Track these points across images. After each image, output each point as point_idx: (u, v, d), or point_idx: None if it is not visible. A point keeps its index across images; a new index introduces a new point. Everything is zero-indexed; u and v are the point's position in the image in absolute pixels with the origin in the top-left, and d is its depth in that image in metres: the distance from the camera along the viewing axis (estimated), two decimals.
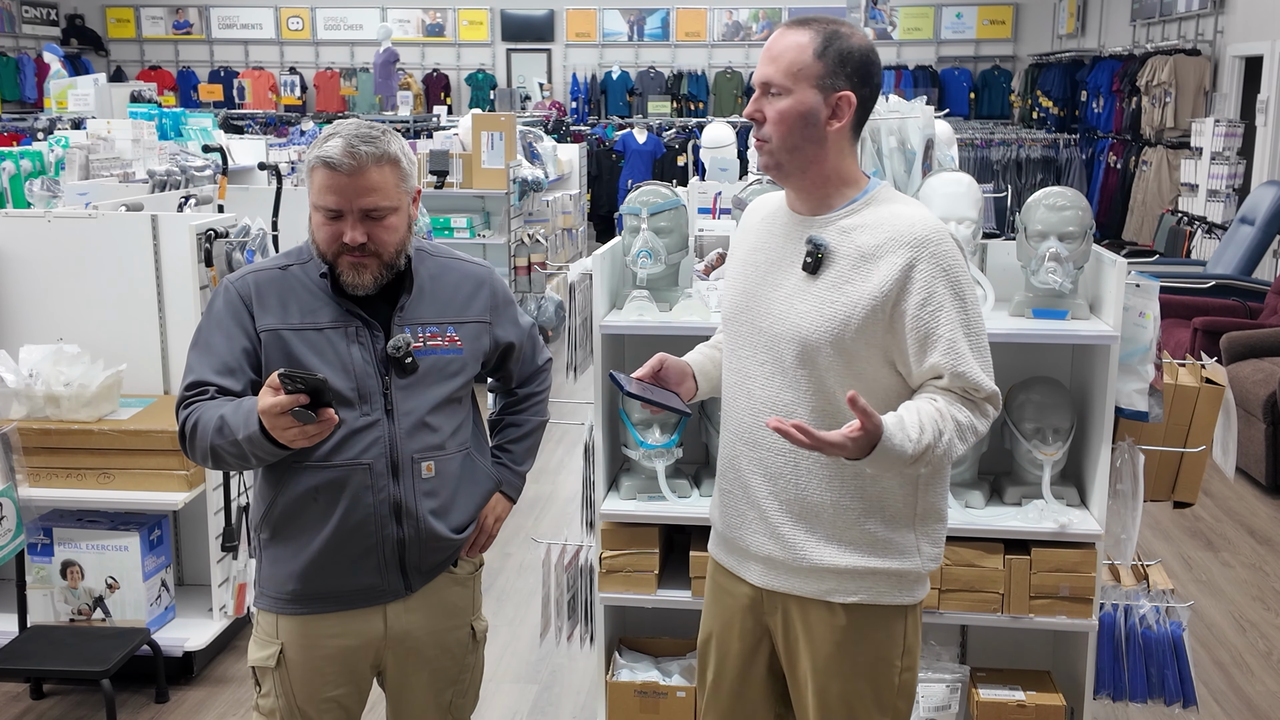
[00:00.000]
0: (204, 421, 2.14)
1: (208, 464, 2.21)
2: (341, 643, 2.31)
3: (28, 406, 3.70)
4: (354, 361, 2.23)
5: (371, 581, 2.29)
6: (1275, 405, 5.70)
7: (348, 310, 2.24)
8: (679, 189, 3.46)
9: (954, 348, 2.07)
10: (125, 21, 17.18)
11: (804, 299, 2.14)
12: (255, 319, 2.23)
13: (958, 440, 2.07)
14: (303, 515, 2.25)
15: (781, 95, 2.11)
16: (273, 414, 1.97)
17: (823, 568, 2.19)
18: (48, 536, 3.77)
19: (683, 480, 3.24)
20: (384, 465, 2.24)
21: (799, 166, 2.15)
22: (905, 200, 2.19)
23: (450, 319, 2.33)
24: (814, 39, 2.10)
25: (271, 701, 2.33)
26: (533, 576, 4.58)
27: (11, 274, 3.97)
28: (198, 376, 2.21)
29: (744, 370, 2.24)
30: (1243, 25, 9.82)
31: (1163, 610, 3.18)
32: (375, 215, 2.17)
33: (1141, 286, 2.97)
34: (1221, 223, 8.89)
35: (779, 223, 2.25)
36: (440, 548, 2.35)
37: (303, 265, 2.28)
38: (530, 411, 2.58)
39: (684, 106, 15.91)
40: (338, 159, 2.13)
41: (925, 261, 2.07)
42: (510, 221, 7.70)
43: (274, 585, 2.31)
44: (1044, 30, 15.63)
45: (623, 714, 3.20)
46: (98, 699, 3.65)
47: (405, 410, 2.26)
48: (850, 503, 2.17)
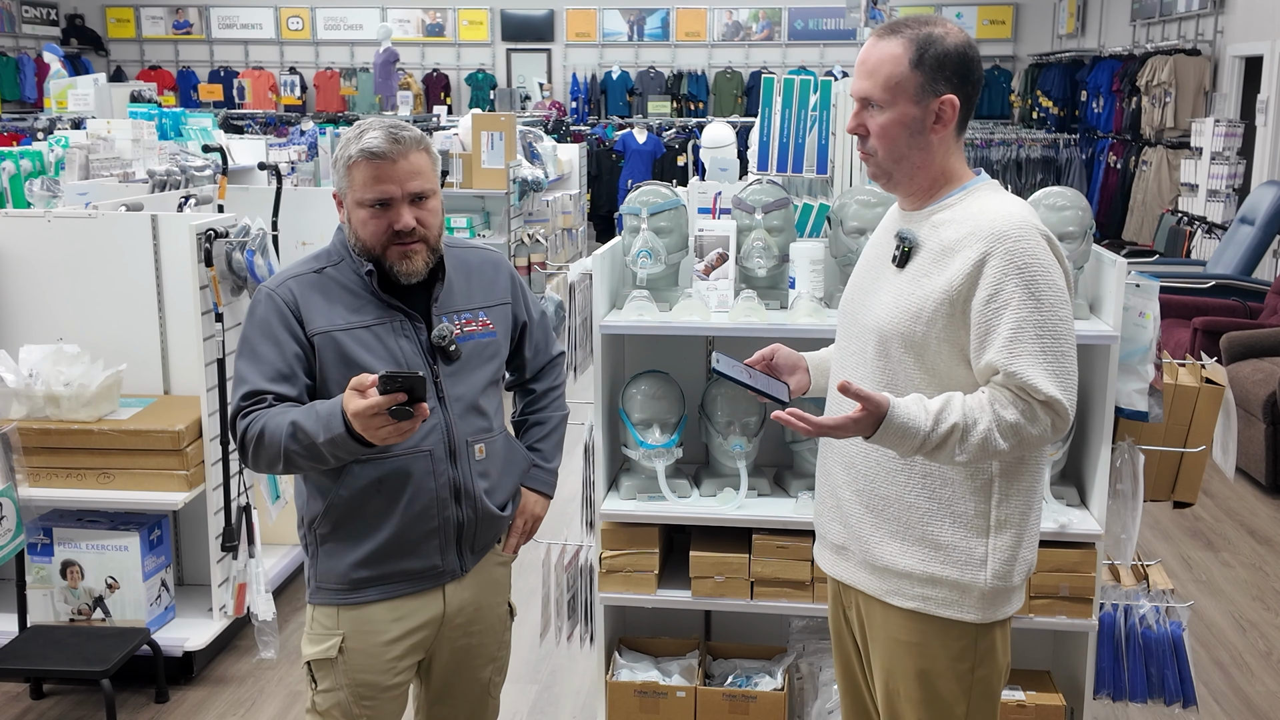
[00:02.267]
0: (272, 429, 2.16)
1: (275, 469, 2.23)
2: (403, 627, 2.36)
3: (28, 406, 3.70)
4: (404, 354, 2.29)
5: (433, 562, 2.35)
6: (1275, 405, 5.70)
7: (389, 305, 2.30)
8: (679, 189, 3.46)
9: (1012, 346, 1.99)
10: (125, 21, 17.18)
11: (889, 291, 2.14)
12: (304, 324, 2.27)
13: (999, 437, 1.99)
14: (366, 507, 2.30)
15: (882, 109, 2.08)
16: (367, 415, 2.00)
17: (883, 565, 2.17)
18: (48, 536, 3.77)
19: (683, 480, 3.24)
20: (443, 451, 2.31)
21: (907, 174, 2.14)
22: (1002, 196, 2.13)
23: (480, 304, 2.41)
24: (908, 48, 2.06)
25: (331, 697, 2.35)
26: (533, 576, 4.57)
27: (11, 274, 3.97)
28: (253, 386, 2.23)
29: (841, 361, 2.27)
30: (1243, 25, 9.82)
31: (1163, 610, 3.18)
32: (422, 198, 2.25)
33: (1141, 286, 2.97)
34: (1221, 223, 8.88)
35: (891, 219, 2.26)
36: (494, 525, 2.45)
37: (335, 266, 2.33)
38: (552, 407, 2.64)
39: (684, 106, 15.90)
40: (385, 147, 2.20)
41: (998, 256, 2.01)
42: (510, 221, 7.70)
43: (334, 578, 2.35)
44: (1044, 30, 15.62)
45: (623, 714, 3.20)
46: (98, 699, 3.65)
47: (456, 396, 2.33)
48: (917, 499, 2.13)
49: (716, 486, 3.23)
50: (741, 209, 3.24)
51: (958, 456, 2.02)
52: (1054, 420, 2.02)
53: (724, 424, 3.18)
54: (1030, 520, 2.18)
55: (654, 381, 3.22)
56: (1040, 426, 2.02)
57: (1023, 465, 2.14)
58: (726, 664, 3.38)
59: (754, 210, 3.21)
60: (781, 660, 3.34)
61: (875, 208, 3.09)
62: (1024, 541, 2.16)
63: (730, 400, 3.18)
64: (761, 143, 3.47)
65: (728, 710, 3.17)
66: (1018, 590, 2.19)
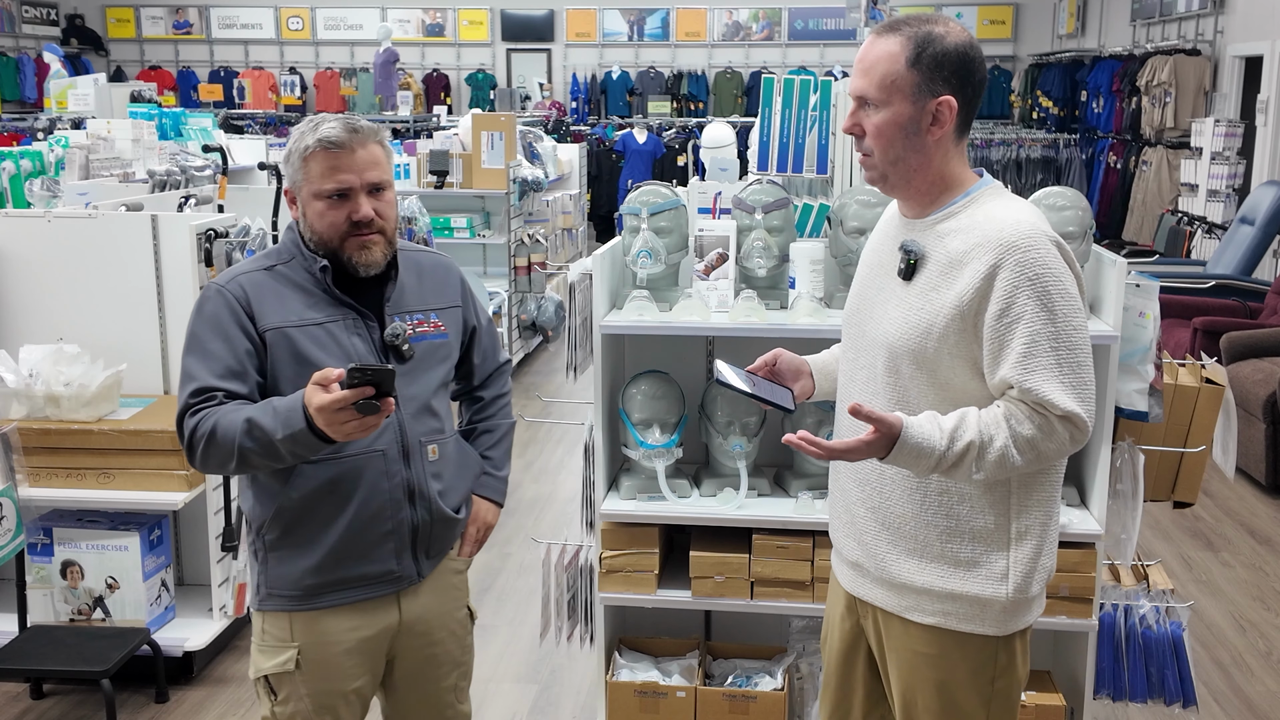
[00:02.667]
0: (224, 426, 2.11)
1: (226, 469, 2.18)
2: (360, 634, 2.33)
3: (28, 406, 3.70)
4: (357, 353, 2.26)
5: (389, 567, 2.32)
6: (1275, 405, 5.70)
7: (342, 303, 2.28)
8: (679, 189, 3.46)
9: (1027, 361, 1.95)
10: (125, 21, 17.18)
11: (897, 306, 2.08)
12: (256, 320, 2.23)
13: (1015, 453, 1.96)
14: (318, 509, 2.26)
15: (877, 109, 2.03)
16: (332, 410, 1.97)
17: (901, 582, 2.13)
18: (48, 536, 3.77)
19: (683, 480, 3.24)
20: (396, 451, 2.29)
21: (904, 177, 2.08)
22: (1008, 201, 2.07)
23: (432, 305, 2.40)
24: (906, 46, 2.01)
25: (291, 707, 2.32)
26: (533, 576, 4.58)
27: (11, 274, 3.97)
28: (203, 383, 2.18)
29: (849, 374, 2.21)
30: (1243, 25, 9.82)
31: (1163, 610, 3.18)
32: (379, 188, 2.25)
33: (1141, 286, 2.97)
34: (1221, 223, 8.89)
35: (892, 226, 2.20)
36: (448, 528, 2.42)
37: (286, 264, 2.30)
38: (500, 415, 2.63)
39: (684, 106, 15.91)
40: (342, 137, 2.20)
41: (1009, 268, 1.95)
42: (510, 221, 7.70)
43: (286, 584, 2.30)
44: (1044, 30, 15.62)
45: (623, 714, 3.20)
46: (98, 699, 3.65)
47: (409, 396, 2.30)
48: (933, 517, 2.09)
49: (716, 486, 3.23)
50: (741, 209, 3.24)
51: (975, 474, 1.99)
52: (1072, 433, 1.99)
53: (724, 424, 3.18)
54: (1050, 528, 2.14)
55: (654, 381, 3.22)
56: (1057, 440, 1.98)
57: (1041, 475, 2.11)
58: (726, 664, 3.38)
59: (754, 210, 3.21)
60: (781, 660, 3.34)
61: (875, 208, 3.09)
62: (1044, 550, 2.12)
63: (730, 400, 3.18)
64: (761, 143, 3.47)
65: (728, 710, 3.17)
66: (1038, 599, 2.16)
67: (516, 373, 7.96)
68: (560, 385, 7.69)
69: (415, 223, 6.54)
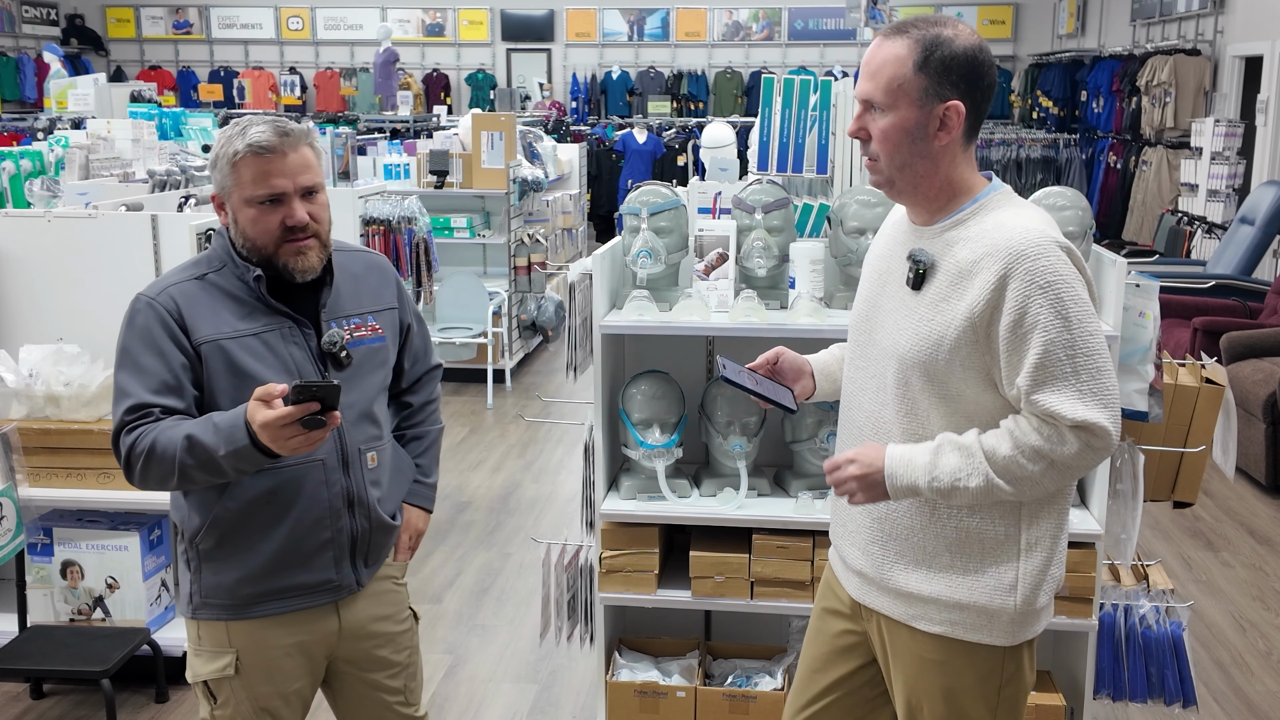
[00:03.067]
0: (163, 443, 2.07)
1: (166, 486, 2.13)
2: (299, 638, 2.31)
3: (28, 406, 3.70)
4: (295, 362, 2.22)
5: (327, 576, 2.29)
6: (1275, 405, 5.70)
7: (276, 311, 2.23)
8: (679, 189, 3.46)
9: (1037, 373, 1.92)
10: (125, 21, 17.18)
11: (906, 316, 2.05)
12: (189, 333, 2.17)
13: (1025, 461, 1.93)
14: (255, 519, 2.23)
15: (884, 113, 1.99)
16: (276, 426, 1.94)
17: (907, 592, 2.10)
18: (48, 536, 3.77)
19: (683, 480, 3.24)
20: (336, 460, 2.26)
21: (910, 183, 2.04)
22: (1017, 207, 2.03)
23: (369, 308, 2.36)
24: (913, 49, 1.96)
25: (230, 710, 2.31)
26: (533, 576, 4.58)
27: (11, 274, 3.97)
28: (138, 399, 2.13)
29: (856, 381, 2.18)
30: (1243, 25, 9.82)
31: (1163, 610, 3.18)
32: (312, 192, 2.20)
33: (1141, 286, 2.97)
34: (1221, 223, 8.89)
35: (900, 232, 2.15)
36: (386, 535, 2.39)
37: (217, 273, 2.23)
38: (429, 421, 2.58)
39: (684, 106, 15.91)
40: (273, 141, 2.14)
41: (1019, 278, 1.91)
42: (510, 221, 7.70)
43: (222, 593, 2.27)
44: (1044, 30, 15.62)
45: (623, 714, 3.20)
46: (98, 699, 3.65)
47: (348, 403, 2.25)
48: (942, 529, 2.07)
49: (716, 486, 3.23)
50: (741, 209, 3.24)
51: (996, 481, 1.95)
52: (1089, 441, 1.93)
53: (724, 424, 3.18)
54: (1060, 539, 2.11)
55: (654, 381, 3.22)
56: (1070, 448, 1.93)
57: None
58: (726, 664, 3.38)
59: (754, 210, 3.21)
60: (781, 660, 3.34)
61: (875, 208, 3.09)
62: (1054, 560, 2.10)
63: (730, 400, 3.18)
64: (761, 143, 3.47)
65: (728, 710, 3.17)
66: (1046, 609, 2.14)
67: (517, 372, 7.96)
68: (560, 385, 7.69)
69: (415, 223, 6.54)
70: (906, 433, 2.06)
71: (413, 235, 6.42)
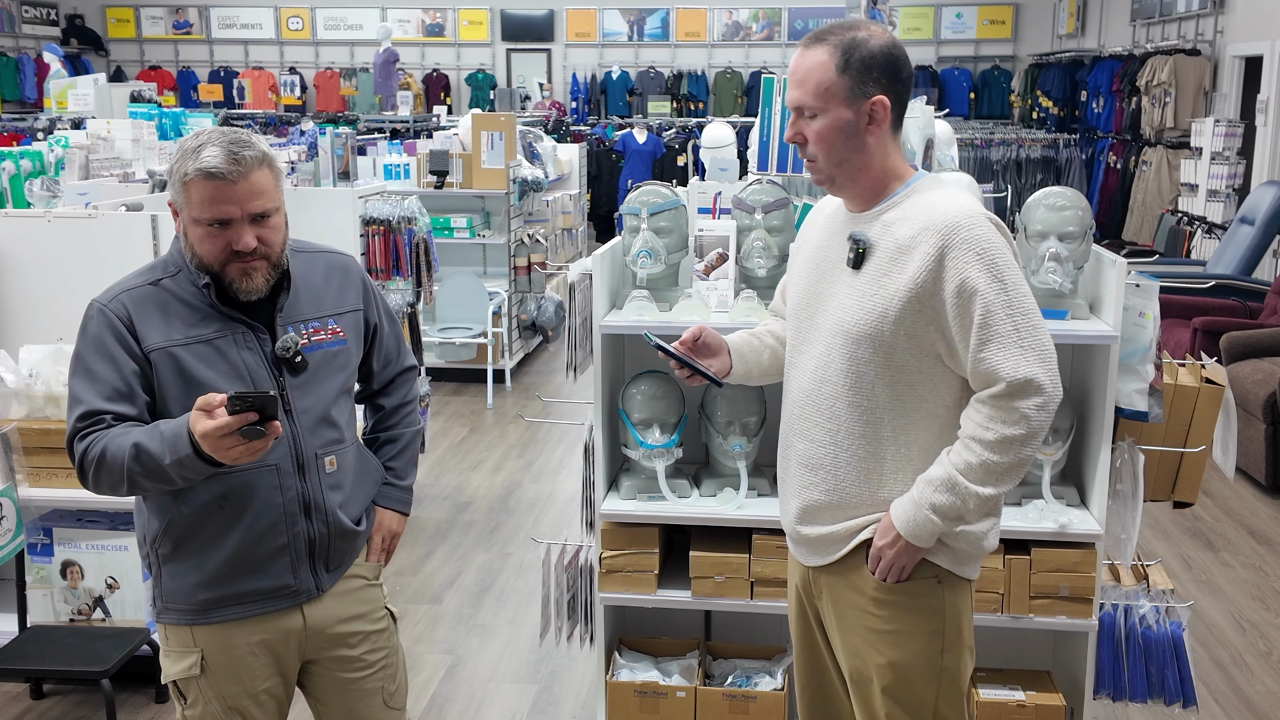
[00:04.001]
0: (113, 451, 2.07)
1: (118, 492, 2.13)
2: (263, 637, 2.30)
3: (28, 406, 3.70)
4: (247, 367, 2.21)
5: (285, 581, 2.28)
6: (1275, 405, 5.70)
7: (230, 317, 2.22)
8: (679, 189, 3.46)
9: (983, 330, 2.08)
10: (125, 21, 17.18)
11: (850, 294, 2.20)
12: (140, 340, 2.17)
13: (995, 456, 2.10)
14: (209, 524, 2.23)
15: (816, 116, 2.16)
16: (216, 436, 1.94)
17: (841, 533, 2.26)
18: (48, 536, 3.77)
19: (683, 480, 3.24)
20: (290, 465, 2.24)
21: (850, 177, 2.20)
22: (946, 188, 2.21)
23: (329, 311, 2.33)
24: (834, 54, 2.13)
25: (200, 710, 2.31)
26: (533, 576, 4.58)
27: (11, 274, 3.97)
28: (89, 406, 2.13)
29: (797, 364, 2.31)
30: (1243, 25, 9.82)
31: (1163, 610, 3.18)
32: (263, 217, 2.16)
33: (1141, 286, 2.97)
34: (1221, 223, 8.89)
35: (837, 222, 2.31)
36: (348, 540, 2.37)
37: (173, 278, 2.22)
38: (404, 423, 2.57)
39: (684, 106, 15.91)
40: (223, 168, 2.10)
41: (956, 248, 2.08)
42: (510, 221, 7.70)
43: (181, 598, 2.28)
44: (1044, 30, 15.62)
45: (623, 714, 3.20)
46: (98, 699, 3.65)
47: (304, 408, 2.25)
48: (887, 495, 2.23)
49: (716, 486, 3.23)
50: (741, 209, 3.24)
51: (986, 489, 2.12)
52: (1036, 401, 2.08)
53: (724, 424, 3.18)
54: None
55: (654, 381, 3.22)
56: (1022, 419, 2.08)
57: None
58: (726, 664, 3.38)
59: (754, 210, 3.21)
60: (781, 660, 3.34)
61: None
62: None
63: (730, 400, 3.18)
64: (761, 143, 3.47)
65: (728, 710, 3.17)
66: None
67: (517, 372, 7.96)
68: (560, 385, 7.69)
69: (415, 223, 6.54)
70: (853, 405, 2.19)
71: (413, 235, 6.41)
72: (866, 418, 2.19)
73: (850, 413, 2.20)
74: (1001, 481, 2.13)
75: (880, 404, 2.18)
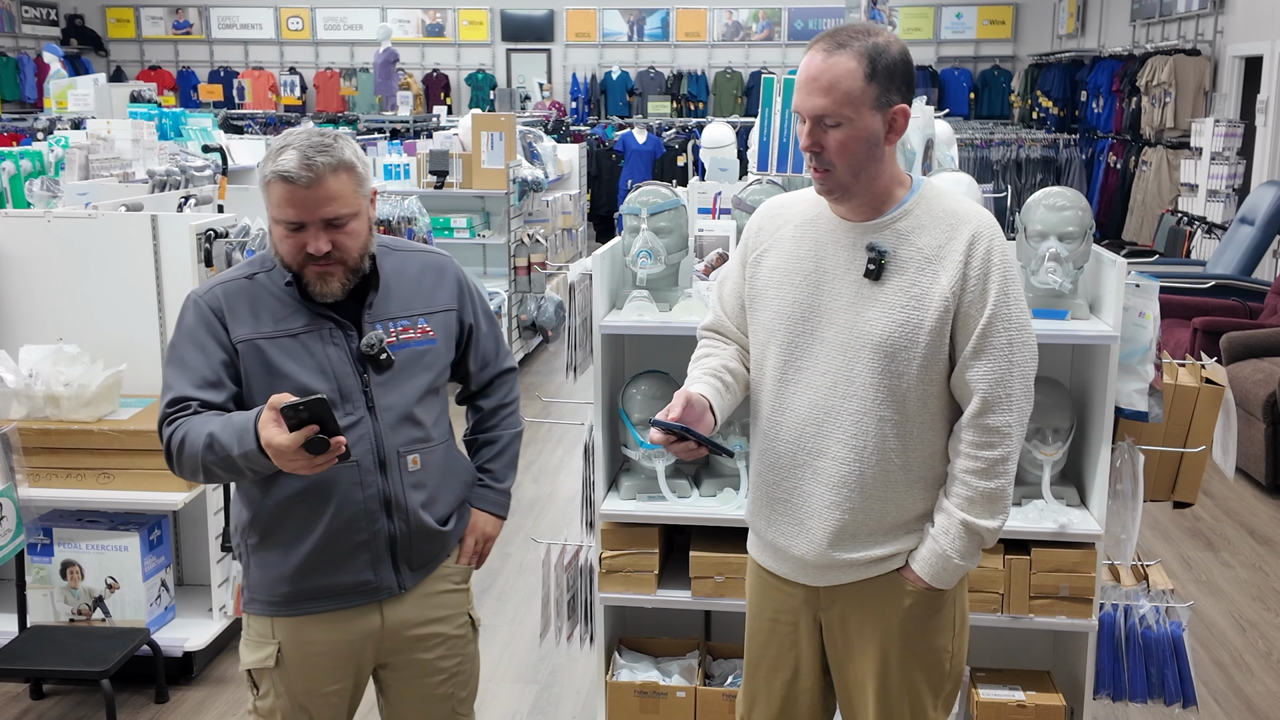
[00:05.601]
0: (191, 438, 2.12)
1: (197, 479, 2.20)
2: (339, 637, 2.32)
3: (28, 406, 3.70)
4: (331, 363, 2.23)
5: (365, 578, 2.30)
6: (1275, 405, 5.70)
7: (318, 313, 2.24)
8: (679, 189, 3.46)
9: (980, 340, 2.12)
10: (125, 21, 17.18)
11: (871, 306, 2.14)
12: (229, 331, 2.22)
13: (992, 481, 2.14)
14: (291, 517, 2.26)
15: (840, 125, 2.07)
16: (282, 451, 1.97)
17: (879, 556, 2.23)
18: (48, 536, 3.77)
19: (683, 480, 3.24)
20: (371, 461, 2.25)
21: (865, 186, 2.13)
22: (952, 194, 2.21)
23: (420, 310, 2.34)
24: (861, 61, 2.05)
25: (271, 702, 2.33)
26: (533, 576, 4.58)
27: (11, 274, 3.97)
28: (178, 393, 2.19)
29: (798, 380, 2.21)
30: (1243, 25, 9.82)
31: (1163, 610, 3.18)
32: (337, 223, 2.17)
33: (1141, 286, 2.97)
34: (1221, 223, 8.89)
35: (825, 231, 2.21)
36: (433, 540, 2.37)
37: (268, 273, 2.27)
38: (503, 425, 2.57)
39: (684, 106, 15.91)
40: (295, 172, 2.11)
41: (979, 257, 2.11)
42: (510, 221, 7.70)
43: (265, 589, 2.31)
44: (1044, 30, 15.63)
45: (622, 714, 3.20)
46: (98, 699, 3.65)
47: (386, 405, 2.27)
48: (921, 508, 2.23)
49: (716, 486, 3.23)
50: (741, 209, 3.24)
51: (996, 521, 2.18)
52: (1012, 420, 2.13)
53: (724, 424, 3.18)
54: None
55: (654, 381, 3.22)
56: (1002, 438, 2.13)
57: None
58: (726, 664, 3.38)
59: (754, 210, 3.20)
60: None
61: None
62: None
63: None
64: (761, 143, 3.47)
65: (728, 710, 3.17)
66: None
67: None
68: (560, 385, 7.69)
69: (415, 223, 6.54)
70: (883, 419, 2.15)
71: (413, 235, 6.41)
72: (898, 431, 2.15)
73: (880, 426, 2.14)
74: (1003, 504, 2.17)
75: (911, 415, 2.15)
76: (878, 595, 2.24)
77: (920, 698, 2.28)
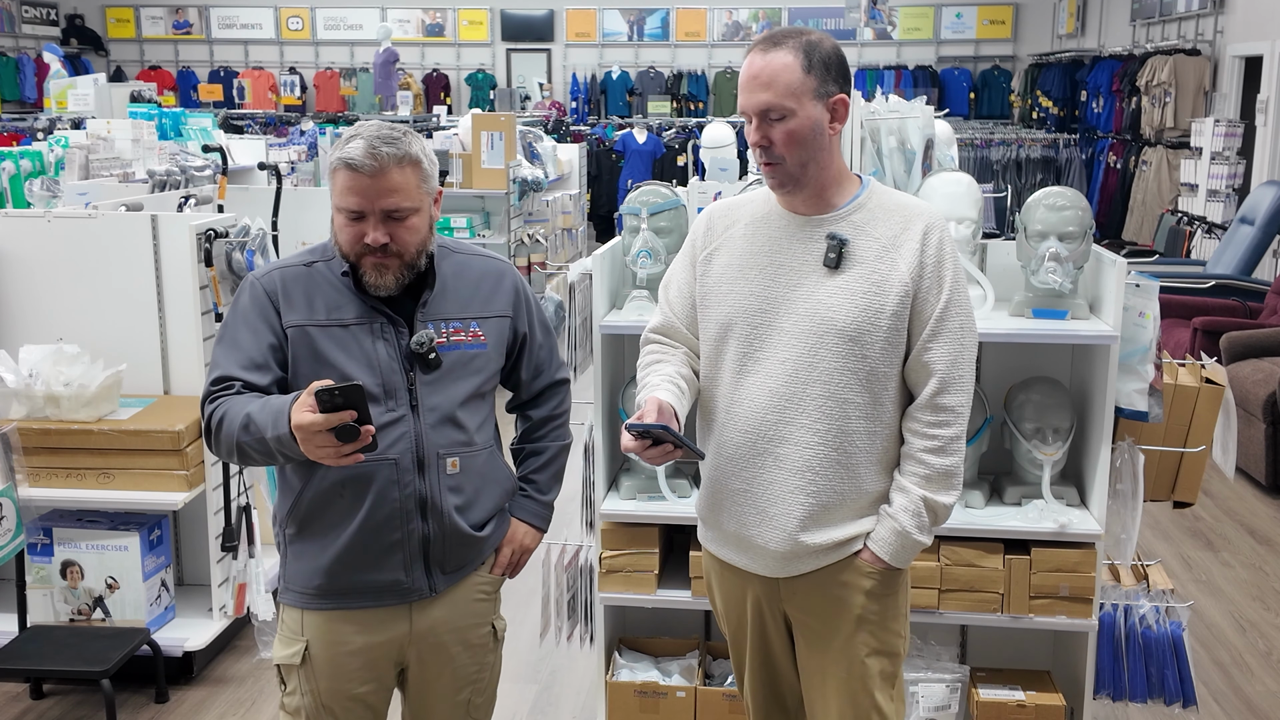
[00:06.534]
0: (230, 417, 2.13)
1: (233, 459, 2.20)
2: (366, 639, 2.32)
3: (28, 406, 3.70)
4: (379, 357, 2.23)
5: (397, 578, 2.29)
6: (1275, 405, 5.70)
7: (372, 307, 2.25)
8: (679, 189, 3.46)
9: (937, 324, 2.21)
10: (125, 21, 17.18)
11: (833, 294, 2.21)
12: (281, 315, 2.24)
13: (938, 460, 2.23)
14: (329, 510, 2.26)
15: (787, 118, 2.16)
16: (309, 431, 1.96)
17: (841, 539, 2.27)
18: (48, 536, 3.77)
19: (682, 480, 3.24)
20: (410, 460, 2.25)
21: (814, 176, 2.22)
22: (899, 192, 2.36)
23: (474, 314, 2.33)
24: (797, 54, 2.16)
25: (298, 699, 2.34)
26: (533, 576, 4.56)
27: (11, 274, 3.97)
28: (224, 371, 2.21)
29: (755, 370, 2.25)
30: (1243, 25, 9.82)
31: (1162, 610, 3.18)
32: (397, 216, 2.18)
33: (1141, 286, 2.97)
34: (1221, 223, 8.89)
35: (777, 226, 2.28)
36: (467, 545, 2.36)
37: (327, 262, 2.29)
38: (550, 437, 2.54)
39: (684, 106, 15.91)
40: (360, 160, 2.13)
41: (933, 246, 2.21)
42: (510, 221, 7.70)
43: (299, 580, 2.32)
44: (1044, 30, 15.62)
45: (623, 714, 3.20)
46: (98, 699, 3.65)
47: (430, 406, 2.26)
48: (875, 488, 2.28)
49: None
50: None
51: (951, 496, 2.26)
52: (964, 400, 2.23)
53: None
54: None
55: None
56: (955, 416, 2.23)
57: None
58: (726, 664, 3.38)
59: None
60: None
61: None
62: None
63: None
64: None
65: (728, 710, 3.17)
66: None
67: None
68: None
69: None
70: (845, 402, 2.22)
71: None
72: (858, 413, 2.22)
73: (844, 409, 2.21)
74: (957, 480, 2.25)
75: (873, 397, 2.23)
76: (835, 583, 2.29)
77: (875, 684, 2.32)
